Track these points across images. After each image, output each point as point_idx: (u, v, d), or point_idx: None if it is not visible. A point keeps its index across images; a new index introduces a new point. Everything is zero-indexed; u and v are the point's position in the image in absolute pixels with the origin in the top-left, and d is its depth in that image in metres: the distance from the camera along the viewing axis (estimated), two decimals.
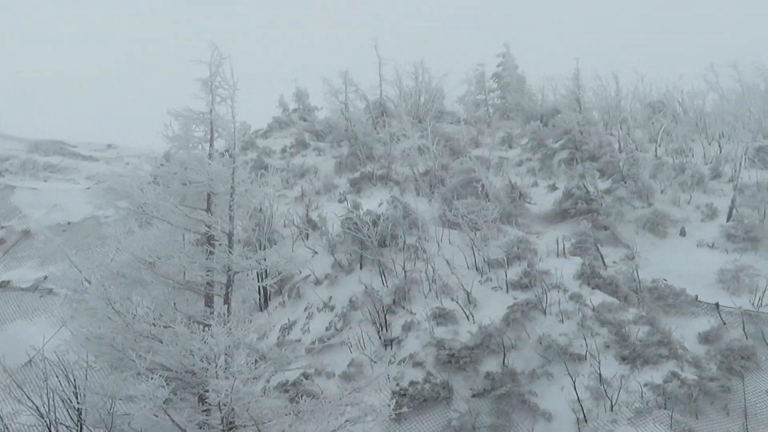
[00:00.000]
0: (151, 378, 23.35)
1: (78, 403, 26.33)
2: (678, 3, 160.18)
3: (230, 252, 26.34)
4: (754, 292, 37.32)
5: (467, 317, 35.34)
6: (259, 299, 39.37)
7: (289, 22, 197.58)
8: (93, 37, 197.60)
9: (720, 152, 53.40)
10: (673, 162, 51.16)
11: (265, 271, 29.53)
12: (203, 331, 24.28)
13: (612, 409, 31.16)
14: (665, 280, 38.46)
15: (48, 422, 26.59)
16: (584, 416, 31.01)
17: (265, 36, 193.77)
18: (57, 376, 27.16)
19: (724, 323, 35.89)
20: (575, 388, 31.45)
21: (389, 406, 27.61)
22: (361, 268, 39.15)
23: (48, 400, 26.61)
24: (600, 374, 32.20)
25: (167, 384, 23.66)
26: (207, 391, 23.99)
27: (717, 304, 36.74)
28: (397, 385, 32.55)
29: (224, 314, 25.81)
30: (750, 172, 47.73)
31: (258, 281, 29.17)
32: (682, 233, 43.56)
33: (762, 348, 34.82)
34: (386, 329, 35.55)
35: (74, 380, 26.65)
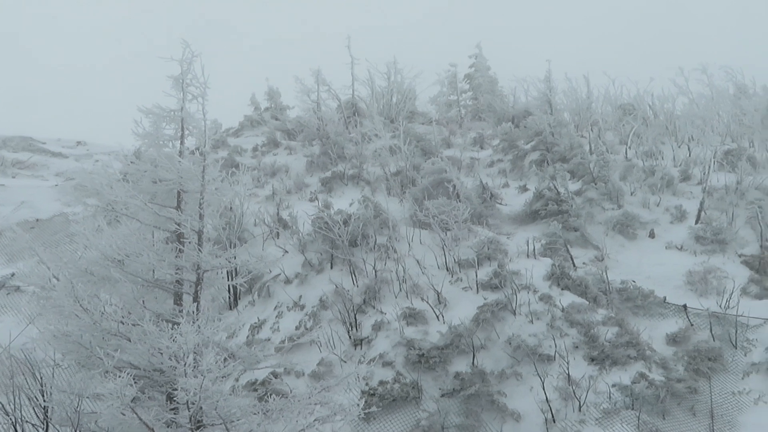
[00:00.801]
0: (119, 376, 23.18)
1: (44, 401, 26.11)
2: (676, 6, 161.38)
3: (200, 250, 26.23)
4: (722, 294, 37.64)
5: (437, 317, 35.38)
6: (229, 298, 39.27)
7: (283, 20, 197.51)
8: (86, 36, 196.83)
9: (689, 155, 53.82)
10: (643, 164, 51.48)
11: (235, 269, 29.43)
12: (172, 329, 24.14)
13: (580, 410, 31.33)
14: (634, 281, 38.67)
15: (13, 420, 26.32)
16: (552, 416, 31.14)
17: (261, 33, 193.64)
18: (23, 374, 26.93)
19: (692, 325, 36.19)
20: (544, 389, 31.57)
21: (358, 405, 27.50)
22: (331, 267, 39.10)
23: (14, 398, 26.35)
24: (569, 375, 32.37)
25: (135, 382, 23.49)
26: (175, 389, 23.85)
27: (685, 306, 37.05)
28: (367, 384, 32.54)
29: (193, 312, 25.69)
30: (718, 175, 48.20)
31: (228, 280, 29.06)
32: (651, 235, 43.84)
33: (728, 350, 35.15)
34: (356, 329, 35.54)
35: (41, 378, 26.42)
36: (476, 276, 37.10)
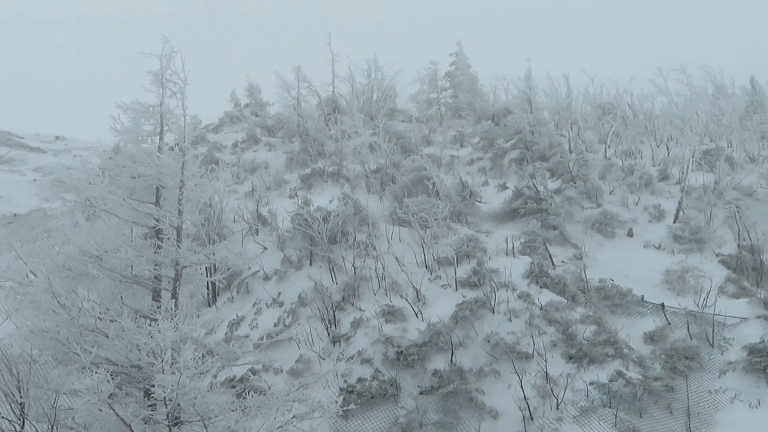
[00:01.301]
0: (96, 372, 23.07)
1: (21, 397, 25.96)
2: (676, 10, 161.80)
3: (178, 246, 26.12)
4: (699, 293, 37.87)
5: (416, 315, 35.39)
6: (208, 294, 39.12)
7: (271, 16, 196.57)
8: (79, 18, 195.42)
9: (668, 155, 54.09)
10: (622, 163, 51.69)
11: (214, 266, 29.30)
12: (150, 325, 24.05)
13: (558, 408, 31.43)
14: (612, 280, 38.82)
15: None
16: (530, 414, 31.22)
17: (257, 31, 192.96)
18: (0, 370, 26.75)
19: (669, 323, 36.39)
20: (522, 387, 31.65)
21: (337, 402, 27.47)
22: (310, 264, 39.04)
23: None
24: (546, 373, 32.46)
25: (112, 378, 23.37)
26: (153, 386, 23.76)
27: (662, 305, 37.22)
28: (345, 381, 32.53)
29: (171, 309, 25.56)
30: (697, 175, 48.52)
31: (206, 276, 28.98)
32: (630, 234, 44.03)
33: (705, 348, 35.36)
34: (335, 326, 35.51)
35: (17, 374, 26.24)
36: (455, 274, 37.14)
